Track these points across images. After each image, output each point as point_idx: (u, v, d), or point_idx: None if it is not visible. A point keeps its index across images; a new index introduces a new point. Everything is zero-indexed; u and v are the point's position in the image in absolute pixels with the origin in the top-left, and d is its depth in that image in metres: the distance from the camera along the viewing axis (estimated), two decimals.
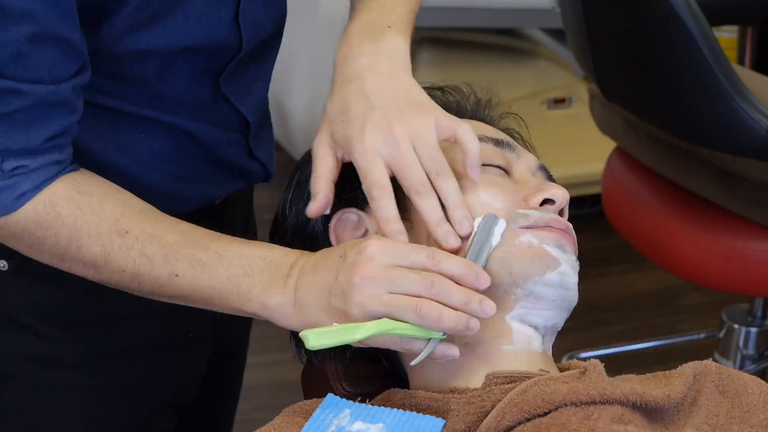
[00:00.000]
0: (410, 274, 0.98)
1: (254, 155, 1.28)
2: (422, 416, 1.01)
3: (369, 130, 1.03)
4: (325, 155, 1.07)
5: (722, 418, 1.05)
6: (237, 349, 1.45)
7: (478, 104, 1.22)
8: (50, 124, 1.05)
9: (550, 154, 1.61)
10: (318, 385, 1.17)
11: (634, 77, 1.94)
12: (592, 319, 2.79)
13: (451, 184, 1.04)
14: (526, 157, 1.16)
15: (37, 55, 1.01)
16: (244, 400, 2.45)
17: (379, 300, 0.97)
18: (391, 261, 0.98)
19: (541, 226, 1.07)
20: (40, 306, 1.22)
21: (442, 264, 0.99)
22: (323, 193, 1.06)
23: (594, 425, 0.97)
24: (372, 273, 0.97)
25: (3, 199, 1.05)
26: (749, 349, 2.29)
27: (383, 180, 1.03)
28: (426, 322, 0.97)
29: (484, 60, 3.25)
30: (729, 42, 2.59)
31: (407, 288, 0.97)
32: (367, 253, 0.98)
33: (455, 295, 0.98)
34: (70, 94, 1.05)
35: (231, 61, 1.18)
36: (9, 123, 1.03)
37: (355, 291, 0.97)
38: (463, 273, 0.99)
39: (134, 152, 1.16)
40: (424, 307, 0.97)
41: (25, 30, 0.99)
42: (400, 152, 1.03)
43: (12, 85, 1.01)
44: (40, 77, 1.02)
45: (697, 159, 1.94)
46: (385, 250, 0.99)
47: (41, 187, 1.06)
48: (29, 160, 1.05)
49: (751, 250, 1.93)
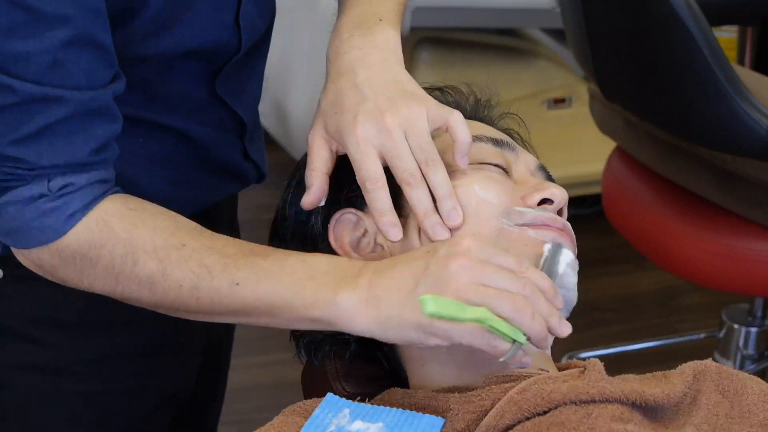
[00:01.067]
0: (505, 271, 0.97)
1: (249, 156, 1.28)
2: (422, 415, 1.01)
3: (361, 121, 1.03)
4: (320, 148, 1.07)
5: (722, 418, 1.05)
6: (223, 351, 1.45)
7: (478, 104, 1.22)
8: (93, 133, 1.03)
9: (550, 154, 1.61)
10: (318, 385, 1.17)
11: (634, 77, 1.94)
12: (592, 319, 2.79)
13: (441, 175, 1.04)
14: (525, 157, 1.16)
15: (73, 62, 0.99)
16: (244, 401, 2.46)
17: (476, 289, 0.95)
18: (486, 257, 0.97)
19: (538, 224, 1.07)
20: (36, 312, 1.21)
21: (529, 272, 0.98)
22: (317, 185, 1.06)
23: (593, 424, 0.97)
24: (469, 263, 0.96)
25: (52, 221, 1.02)
26: (749, 349, 2.29)
27: (377, 172, 1.03)
28: (519, 318, 0.95)
29: (484, 60, 3.25)
30: (729, 42, 2.59)
31: (502, 284, 0.96)
32: (463, 245, 0.97)
33: (542, 303, 0.97)
34: (109, 100, 1.04)
35: (228, 62, 1.18)
36: (52, 135, 1.00)
37: (452, 278, 0.96)
38: (548, 287, 0.98)
39: (131, 156, 1.15)
40: (521, 301, 0.95)
41: (60, 35, 0.97)
42: (393, 141, 1.03)
43: (52, 92, 0.99)
44: (77, 84, 1.00)
45: (697, 159, 1.94)
46: (479, 246, 0.98)
47: (91, 206, 1.03)
48: (76, 177, 1.02)
49: (751, 250, 1.93)
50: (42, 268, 1.06)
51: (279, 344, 1.44)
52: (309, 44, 2.99)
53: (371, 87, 1.05)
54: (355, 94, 1.05)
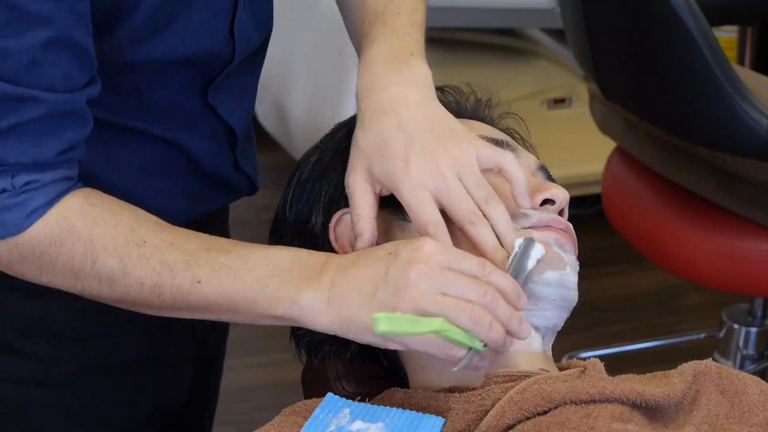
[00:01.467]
0: (465, 278, 0.97)
1: (240, 168, 1.27)
2: (422, 415, 1.01)
3: (414, 166, 1.02)
4: (365, 192, 1.06)
5: (722, 418, 1.05)
6: (216, 356, 1.45)
7: (478, 104, 1.22)
8: (63, 136, 1.02)
9: (550, 154, 1.61)
10: (318, 385, 1.17)
11: (634, 77, 1.94)
12: (592, 319, 2.79)
13: (501, 210, 1.03)
14: (525, 157, 1.16)
15: (51, 62, 0.98)
16: (244, 401, 2.46)
17: (434, 298, 0.96)
18: (447, 263, 0.98)
19: (542, 226, 1.07)
20: (27, 323, 1.20)
21: (492, 276, 0.98)
22: (369, 231, 1.05)
23: (594, 423, 0.97)
24: (428, 270, 0.96)
25: (13, 217, 1.01)
26: (749, 349, 2.29)
27: (436, 216, 1.02)
28: (476, 328, 0.96)
29: (484, 60, 3.26)
30: (729, 42, 2.59)
31: (462, 292, 0.96)
32: (424, 251, 0.97)
33: (502, 310, 0.97)
34: (82, 104, 1.03)
35: (221, 72, 1.17)
36: (22, 134, 0.99)
37: (410, 286, 0.96)
38: (510, 290, 0.98)
39: (123, 166, 1.15)
40: (478, 312, 0.96)
41: (40, 35, 0.97)
42: (447, 185, 1.02)
43: (28, 92, 0.98)
44: (53, 85, 0.99)
45: (697, 159, 1.94)
46: (441, 251, 0.98)
47: (53, 203, 1.02)
48: (41, 175, 1.01)
49: (751, 250, 1.93)
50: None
51: (279, 344, 1.44)
52: (309, 44, 2.99)
53: (417, 128, 1.04)
54: (401, 136, 1.04)
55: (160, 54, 1.10)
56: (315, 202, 1.15)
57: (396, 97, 1.07)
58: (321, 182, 1.15)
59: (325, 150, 1.18)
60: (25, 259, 1.03)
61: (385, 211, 1.11)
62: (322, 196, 1.15)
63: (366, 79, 1.09)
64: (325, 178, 1.15)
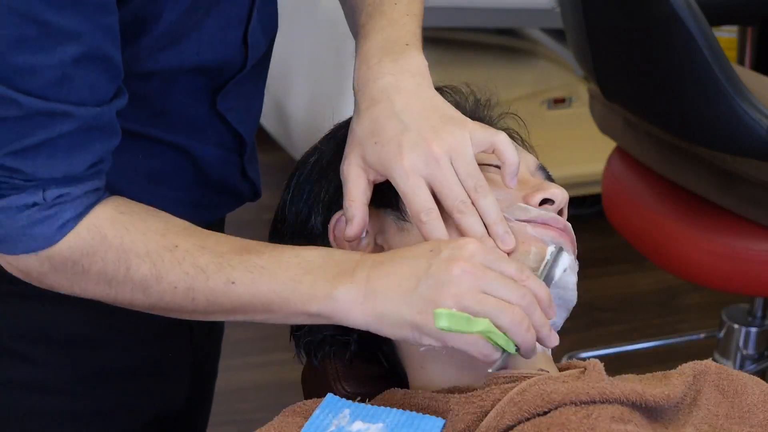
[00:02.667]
0: (506, 279, 0.97)
1: (247, 175, 1.27)
2: (422, 416, 1.01)
3: (407, 151, 1.03)
4: (358, 178, 1.06)
5: (722, 418, 1.05)
6: (212, 361, 1.45)
7: (478, 104, 1.22)
8: (92, 149, 1.01)
9: (550, 154, 1.61)
10: (318, 385, 1.17)
11: (634, 77, 1.94)
12: (592, 319, 2.79)
13: (490, 200, 1.04)
14: (525, 157, 1.16)
15: (81, 77, 0.98)
16: (244, 401, 2.46)
17: (476, 297, 0.96)
18: (488, 263, 0.98)
19: (539, 223, 1.08)
20: (27, 329, 1.19)
21: (529, 281, 0.99)
22: (360, 216, 1.06)
23: (594, 424, 0.97)
24: (472, 269, 0.97)
25: (44, 230, 1.00)
26: (749, 349, 2.29)
27: (429, 203, 1.02)
28: (516, 330, 0.96)
29: (484, 60, 3.26)
30: (729, 42, 2.59)
31: (502, 293, 0.97)
32: (467, 250, 0.98)
33: (537, 315, 0.98)
34: (112, 116, 1.02)
35: (231, 78, 1.17)
36: (53, 149, 0.99)
37: (453, 282, 0.96)
38: (544, 296, 0.99)
39: (131, 173, 1.14)
40: (519, 313, 0.96)
41: (70, 50, 0.96)
42: (441, 171, 1.02)
43: (59, 107, 0.97)
44: (83, 99, 0.99)
45: (697, 159, 1.94)
46: (483, 251, 0.98)
47: (84, 214, 1.01)
48: (71, 188, 1.01)
49: (751, 250, 1.93)
50: (29, 275, 1.04)
51: (279, 344, 1.44)
52: (309, 45, 2.99)
53: (411, 115, 1.05)
54: (395, 122, 1.04)
55: (177, 63, 1.10)
56: (315, 203, 1.15)
57: (390, 86, 1.07)
58: (321, 182, 1.16)
59: (325, 150, 1.18)
60: (57, 270, 1.03)
61: (383, 211, 1.11)
62: (322, 196, 1.15)
63: (362, 70, 1.10)
64: (325, 178, 1.15)
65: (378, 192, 1.08)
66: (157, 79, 1.12)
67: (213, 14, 1.10)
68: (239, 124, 1.21)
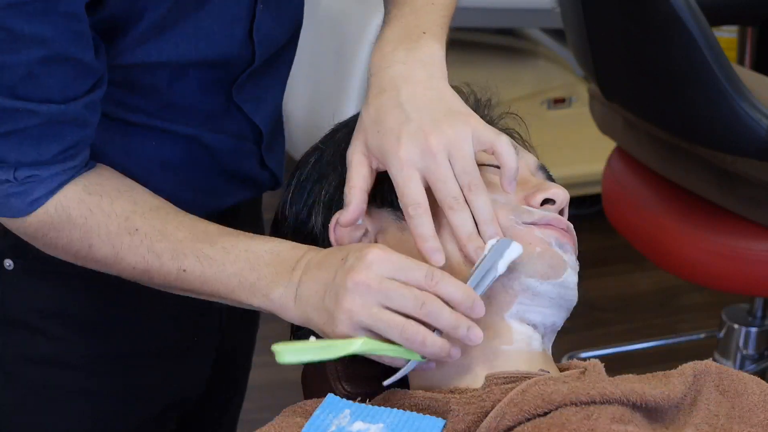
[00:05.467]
0: (404, 290, 0.97)
1: (266, 165, 1.27)
2: (422, 416, 1.01)
3: (405, 142, 1.02)
4: (359, 164, 1.06)
5: (722, 418, 1.05)
6: (242, 350, 1.45)
7: (478, 104, 1.22)
8: (62, 139, 1.05)
9: (550, 154, 1.61)
10: (318, 385, 1.17)
11: (634, 77, 1.94)
12: (592, 319, 2.79)
13: (484, 199, 1.03)
14: (525, 157, 1.16)
15: (48, 75, 1.00)
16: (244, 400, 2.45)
17: (368, 312, 0.96)
18: (388, 273, 0.97)
19: (543, 224, 1.07)
20: (48, 305, 1.22)
21: (440, 285, 0.98)
22: (356, 202, 1.06)
23: (594, 425, 0.97)
24: (366, 281, 0.97)
25: (16, 203, 1.06)
26: (749, 349, 2.29)
27: (420, 197, 1.02)
28: (409, 345, 0.97)
29: (484, 60, 3.26)
30: (729, 42, 2.59)
31: (398, 304, 0.97)
32: (366, 260, 0.98)
33: (444, 319, 0.97)
34: (81, 111, 1.05)
35: (243, 72, 1.17)
36: (21, 138, 1.03)
37: (347, 296, 0.97)
38: (460, 299, 0.98)
39: (144, 161, 1.16)
40: (410, 329, 0.96)
41: (36, 53, 0.98)
42: (437, 165, 1.02)
43: (24, 105, 1.01)
44: (50, 97, 1.02)
45: (697, 159, 1.94)
46: (384, 260, 0.98)
47: (54, 192, 1.06)
48: (41, 171, 1.05)
49: (751, 250, 1.93)
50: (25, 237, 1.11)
51: None
52: (309, 44, 2.98)
53: (415, 105, 1.04)
54: (398, 112, 1.04)
55: (173, 56, 1.11)
56: (315, 202, 1.15)
57: (399, 75, 1.07)
58: (321, 182, 1.15)
59: (325, 150, 1.18)
60: (29, 236, 1.10)
61: (385, 210, 1.11)
62: (322, 196, 1.15)
63: (376, 58, 1.10)
64: (325, 178, 1.15)
65: (379, 191, 1.08)
66: (163, 71, 1.12)
67: (208, 11, 1.10)
68: (255, 115, 1.22)
